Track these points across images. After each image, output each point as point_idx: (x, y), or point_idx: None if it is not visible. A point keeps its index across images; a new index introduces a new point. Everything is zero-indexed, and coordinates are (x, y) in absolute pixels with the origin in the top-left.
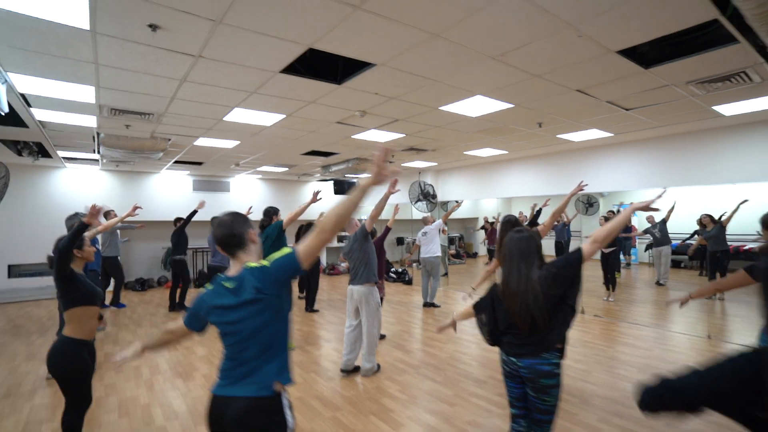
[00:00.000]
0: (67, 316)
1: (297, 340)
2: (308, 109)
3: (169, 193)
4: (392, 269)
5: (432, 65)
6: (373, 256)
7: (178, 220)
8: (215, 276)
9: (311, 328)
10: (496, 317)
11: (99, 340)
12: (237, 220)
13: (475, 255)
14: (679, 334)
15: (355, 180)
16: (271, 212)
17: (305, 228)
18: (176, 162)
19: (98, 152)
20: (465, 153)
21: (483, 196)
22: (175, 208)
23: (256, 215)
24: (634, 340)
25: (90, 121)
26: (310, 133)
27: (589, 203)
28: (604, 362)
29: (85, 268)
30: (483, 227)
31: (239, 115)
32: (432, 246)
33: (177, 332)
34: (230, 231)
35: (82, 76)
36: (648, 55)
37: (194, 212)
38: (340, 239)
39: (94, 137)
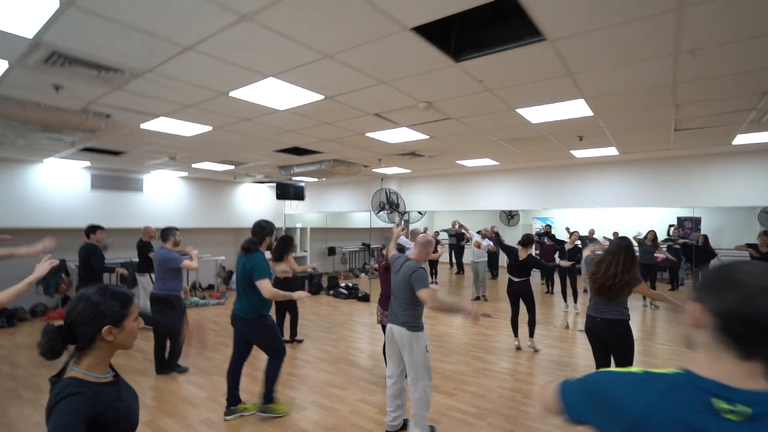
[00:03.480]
0: None
1: (294, 387)
2: (368, 91)
3: (54, 192)
4: (341, 285)
5: (600, 53)
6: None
7: (93, 229)
8: None
9: (311, 370)
10: None
11: None
12: None
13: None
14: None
15: (302, 184)
16: (265, 230)
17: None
18: (85, 149)
19: None
20: (458, 162)
21: (450, 208)
22: (63, 211)
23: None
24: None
25: None
26: (321, 124)
27: (510, 215)
28: None
29: None
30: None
31: (258, 90)
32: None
33: None
34: None
35: None
36: None
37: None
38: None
39: None
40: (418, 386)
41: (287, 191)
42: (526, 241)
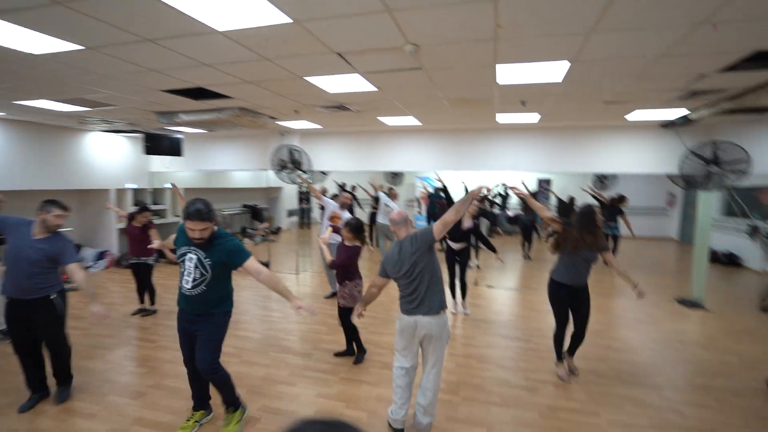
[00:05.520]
0: None
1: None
2: (359, 20)
3: None
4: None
5: (654, 11)
6: (440, 271)
7: None
8: None
9: (241, 365)
10: None
11: None
12: None
13: (278, 230)
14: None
15: (180, 136)
16: (202, 210)
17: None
18: None
19: None
20: (379, 119)
21: (359, 168)
22: None
23: None
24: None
25: None
26: (260, 60)
27: (394, 174)
28: None
29: None
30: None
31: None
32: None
33: None
34: None
35: None
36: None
37: None
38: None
39: None
40: (438, 375)
41: (160, 144)
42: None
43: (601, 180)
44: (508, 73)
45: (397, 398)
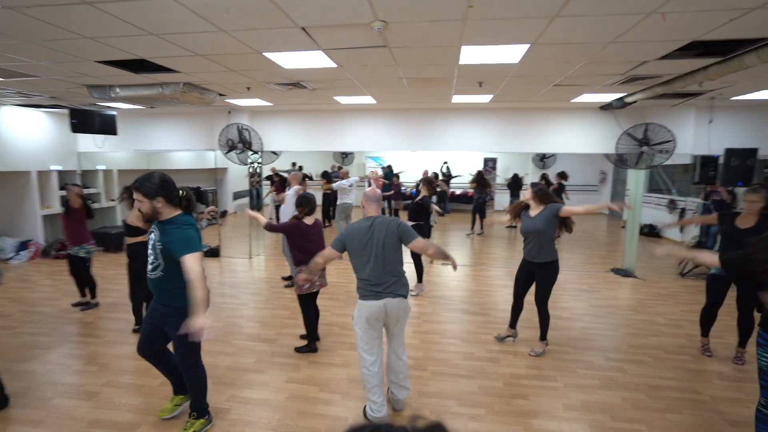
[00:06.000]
0: None
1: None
2: None
3: None
4: None
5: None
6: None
7: None
8: None
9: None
10: None
11: None
12: None
13: (224, 214)
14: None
15: (114, 113)
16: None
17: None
18: None
19: None
20: (335, 98)
21: (311, 147)
22: None
23: None
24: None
25: None
26: (216, 32)
27: (344, 154)
28: None
29: None
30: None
31: None
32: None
33: None
34: None
35: None
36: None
37: None
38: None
39: None
40: (405, 349)
41: (90, 122)
42: (426, 181)
43: (542, 159)
44: (473, 54)
45: (377, 397)
